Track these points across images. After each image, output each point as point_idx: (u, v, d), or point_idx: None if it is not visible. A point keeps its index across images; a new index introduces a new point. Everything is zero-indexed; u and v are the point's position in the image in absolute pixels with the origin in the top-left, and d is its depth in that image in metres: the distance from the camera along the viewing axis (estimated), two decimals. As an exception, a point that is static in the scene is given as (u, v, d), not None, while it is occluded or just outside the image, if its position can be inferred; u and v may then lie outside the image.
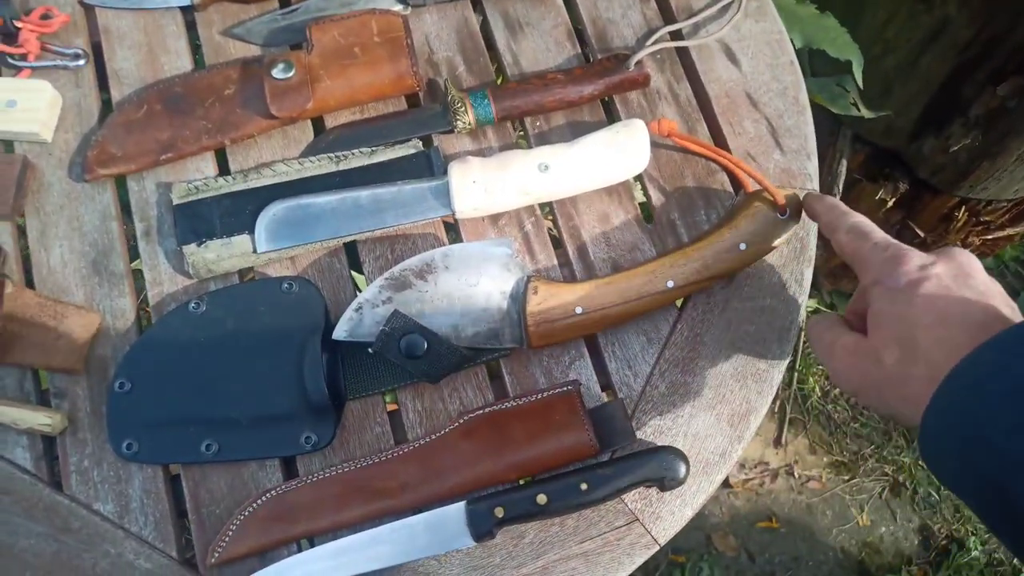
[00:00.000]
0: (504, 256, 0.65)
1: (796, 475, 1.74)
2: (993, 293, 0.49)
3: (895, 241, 0.55)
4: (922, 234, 1.54)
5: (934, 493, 1.73)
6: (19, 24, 0.73)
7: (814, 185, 0.74)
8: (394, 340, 0.61)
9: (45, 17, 0.74)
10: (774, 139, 0.75)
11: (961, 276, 0.50)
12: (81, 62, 0.74)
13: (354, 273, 0.69)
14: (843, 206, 0.62)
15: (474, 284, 0.65)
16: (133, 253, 0.70)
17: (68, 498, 0.62)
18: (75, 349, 0.64)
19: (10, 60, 0.73)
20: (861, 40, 1.06)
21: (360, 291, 0.68)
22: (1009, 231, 1.53)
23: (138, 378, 0.64)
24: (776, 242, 0.68)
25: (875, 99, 1.28)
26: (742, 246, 0.67)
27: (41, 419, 0.62)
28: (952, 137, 1.29)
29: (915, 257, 0.52)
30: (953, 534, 1.71)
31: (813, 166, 0.75)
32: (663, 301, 0.67)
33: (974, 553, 1.67)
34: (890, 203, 1.50)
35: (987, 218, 1.48)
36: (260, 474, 0.64)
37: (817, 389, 1.81)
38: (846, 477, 1.75)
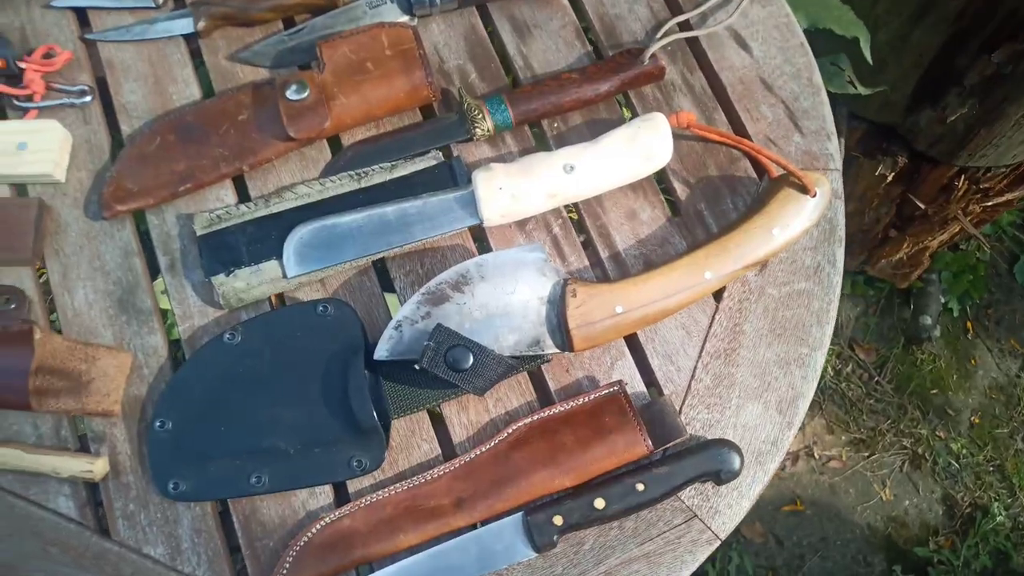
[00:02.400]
0: (538, 261, 0.65)
1: (816, 456, 1.74)
2: None
3: None
4: (923, 206, 1.54)
5: (954, 463, 1.74)
6: (22, 65, 0.71)
7: (836, 165, 0.74)
8: (440, 355, 0.59)
9: (48, 56, 0.73)
10: (792, 122, 0.75)
11: None
12: (88, 98, 0.72)
13: (386, 294, 0.68)
14: None
15: (511, 292, 0.64)
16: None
17: (117, 544, 0.60)
18: (110, 391, 0.63)
19: (16, 102, 0.71)
20: (852, 18, 1.07)
21: (392, 313, 0.67)
22: (1008, 196, 1.54)
23: (177, 415, 0.62)
24: (807, 224, 0.68)
25: (869, 76, 1.28)
26: (775, 231, 0.67)
27: (82, 466, 0.60)
28: (948, 107, 1.30)
29: None
30: (976, 501, 1.71)
31: (834, 146, 0.75)
32: (702, 293, 0.66)
33: (999, 519, 1.68)
34: (890, 178, 1.51)
35: (986, 185, 1.49)
36: (311, 501, 0.62)
37: (829, 369, 1.81)
38: (866, 454, 1.75)
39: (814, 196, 0.68)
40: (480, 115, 0.71)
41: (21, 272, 0.67)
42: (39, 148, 0.68)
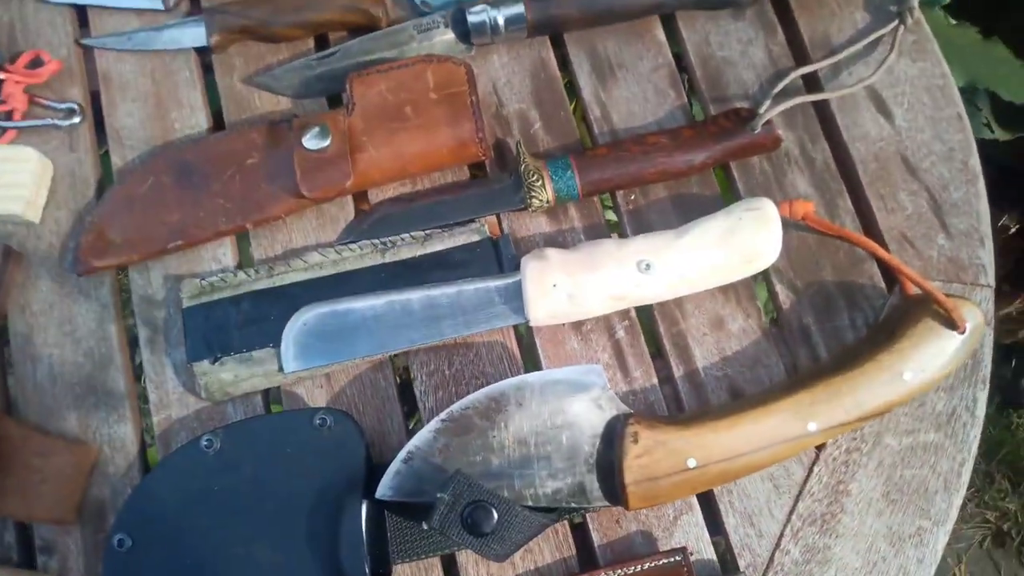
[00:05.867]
0: (594, 389, 0.51)
1: (885, 520, 1.58)
2: None
3: None
4: (1047, 264, 1.35)
5: (1044, 546, 1.55)
6: (2, 75, 0.60)
7: (989, 279, 0.58)
8: (455, 513, 0.47)
9: (34, 64, 0.61)
10: (937, 218, 0.59)
11: None
12: (76, 119, 0.61)
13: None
14: None
15: (556, 426, 0.50)
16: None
17: None
18: (65, 496, 0.52)
19: (-9, 120, 0.60)
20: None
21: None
22: None
23: (140, 534, 0.51)
24: (950, 368, 0.52)
25: (1009, 117, 1.09)
26: (906, 375, 0.51)
27: (20, 589, 0.50)
28: (1103, 161, 1.10)
29: None
30: (1064, 592, 1.53)
31: (988, 254, 0.58)
32: (801, 448, 0.51)
33: (1089, 616, 1.49)
34: (1013, 230, 1.32)
35: None
36: (286, 657, 0.51)
37: (911, 424, 1.63)
38: (942, 524, 1.57)
39: (963, 332, 0.52)
40: (540, 181, 0.57)
41: (-22, 331, 0.57)
42: (10, 181, 0.57)
